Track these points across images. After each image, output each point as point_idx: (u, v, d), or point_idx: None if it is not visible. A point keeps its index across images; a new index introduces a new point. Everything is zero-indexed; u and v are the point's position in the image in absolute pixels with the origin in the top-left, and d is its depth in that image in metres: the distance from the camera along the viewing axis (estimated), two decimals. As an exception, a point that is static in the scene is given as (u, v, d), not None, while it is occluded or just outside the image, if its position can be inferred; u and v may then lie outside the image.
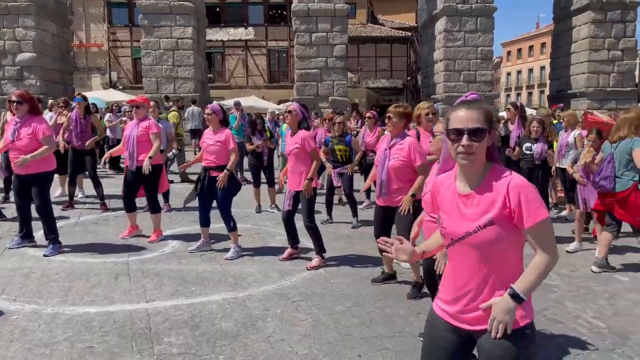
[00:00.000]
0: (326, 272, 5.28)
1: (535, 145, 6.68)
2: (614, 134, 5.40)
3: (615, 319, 4.13)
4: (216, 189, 5.66)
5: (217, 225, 6.20)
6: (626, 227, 7.48)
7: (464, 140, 1.78)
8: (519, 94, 61.49)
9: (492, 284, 1.83)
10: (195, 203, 6.03)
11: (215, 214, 5.90)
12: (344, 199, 9.30)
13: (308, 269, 5.31)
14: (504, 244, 1.78)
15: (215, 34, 32.10)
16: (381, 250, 4.89)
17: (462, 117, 1.81)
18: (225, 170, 5.64)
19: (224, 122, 5.88)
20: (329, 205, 7.89)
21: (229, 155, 5.72)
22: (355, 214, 7.63)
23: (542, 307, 4.32)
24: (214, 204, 5.81)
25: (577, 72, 23.94)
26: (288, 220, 5.61)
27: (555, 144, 7.85)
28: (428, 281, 3.82)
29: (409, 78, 37.80)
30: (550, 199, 8.69)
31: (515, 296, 1.75)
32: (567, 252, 6.11)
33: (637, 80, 33.09)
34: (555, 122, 9.79)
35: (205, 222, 5.97)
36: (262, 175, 8.76)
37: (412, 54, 38.79)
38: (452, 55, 23.21)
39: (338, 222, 7.77)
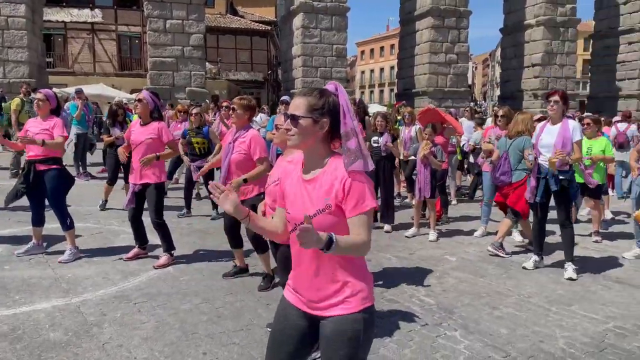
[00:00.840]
0: (175, 269, 5.05)
1: (380, 138, 7.13)
2: (512, 129, 6.04)
3: (444, 295, 4.57)
4: (45, 184, 5.08)
5: (53, 225, 5.58)
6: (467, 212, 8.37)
7: (286, 124, 1.92)
8: (372, 92, 65.59)
9: (332, 266, 1.88)
10: (23, 201, 5.35)
11: (50, 213, 5.30)
12: (202, 193, 9.06)
13: (155, 268, 5.03)
14: (340, 228, 1.84)
15: (56, 14, 28.96)
16: (232, 244, 4.87)
17: (292, 104, 1.94)
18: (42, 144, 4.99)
19: (56, 112, 5.29)
20: (188, 198, 7.62)
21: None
22: (215, 206, 7.51)
23: (382, 289, 4.62)
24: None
25: (420, 73, 26.19)
26: (134, 219, 5.26)
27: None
28: (282, 269, 3.79)
29: (269, 72, 38.04)
30: (395, 188, 9.42)
31: (331, 240, 1.71)
32: (406, 237, 6.63)
33: (469, 82, 37.31)
34: (399, 117, 10.57)
35: (37, 221, 5.34)
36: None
37: (273, 48, 39.09)
38: (309, 52, 23.87)
39: (193, 216, 7.53)
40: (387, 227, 7.00)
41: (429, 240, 6.49)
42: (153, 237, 5.47)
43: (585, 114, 8.63)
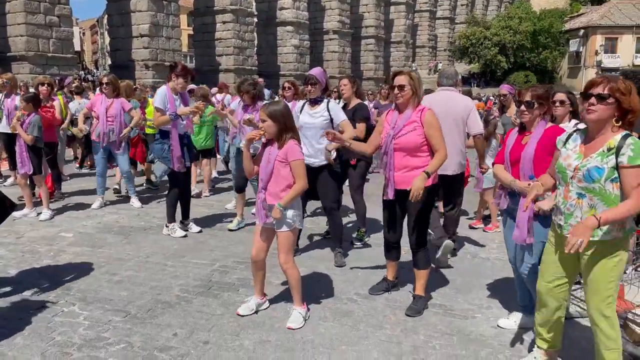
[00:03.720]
0: None
1: None
2: None
3: (60, 273, 4.33)
4: None
5: None
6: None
7: None
8: (-49, 52, 53.08)
9: None
10: None
11: None
12: None
13: None
14: None
15: None
16: None
17: None
18: None
19: None
20: None
21: None
22: None
23: (-17, 283, 4.03)
24: None
25: (15, 34, 22.75)
26: None
27: None
28: None
29: None
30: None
31: None
32: (13, 220, 5.89)
33: (77, 48, 34.79)
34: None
35: None
36: None
37: None
38: None
39: None
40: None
41: (39, 220, 5.96)
42: None
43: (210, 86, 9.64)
